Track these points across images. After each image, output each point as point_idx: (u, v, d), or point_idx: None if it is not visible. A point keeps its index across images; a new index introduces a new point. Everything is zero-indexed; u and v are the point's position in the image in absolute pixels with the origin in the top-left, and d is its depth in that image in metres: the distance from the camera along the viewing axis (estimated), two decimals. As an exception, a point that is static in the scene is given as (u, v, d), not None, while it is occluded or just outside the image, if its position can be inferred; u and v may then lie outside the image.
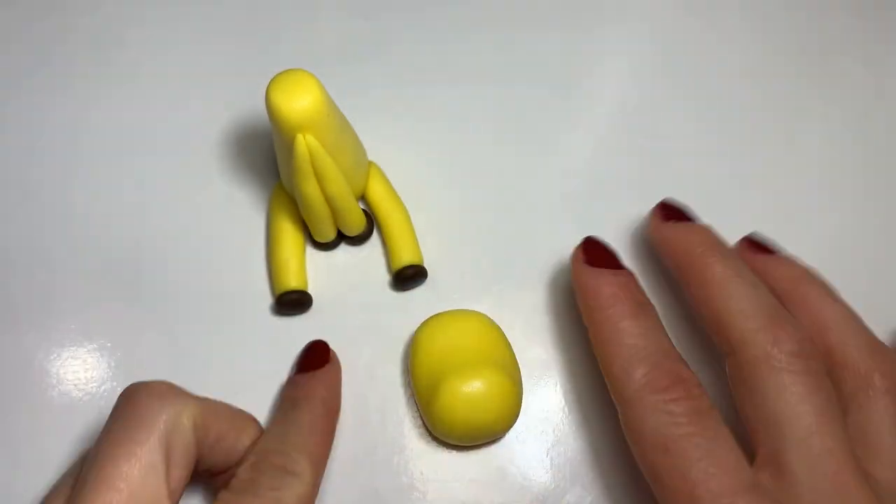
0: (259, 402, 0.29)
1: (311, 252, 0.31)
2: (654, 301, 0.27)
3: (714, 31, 0.37)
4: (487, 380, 0.27)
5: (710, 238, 0.28)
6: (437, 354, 0.28)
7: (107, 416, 0.23)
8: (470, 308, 0.29)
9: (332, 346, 0.29)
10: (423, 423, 0.29)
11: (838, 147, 0.35)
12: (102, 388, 0.29)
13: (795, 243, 0.30)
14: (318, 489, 0.24)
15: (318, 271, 0.31)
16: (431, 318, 0.29)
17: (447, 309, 0.29)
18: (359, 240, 0.31)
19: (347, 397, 0.29)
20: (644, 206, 0.31)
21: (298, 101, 0.26)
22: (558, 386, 0.30)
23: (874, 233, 0.33)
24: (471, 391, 0.26)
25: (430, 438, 0.29)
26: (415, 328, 0.29)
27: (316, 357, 0.28)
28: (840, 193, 0.34)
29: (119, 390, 0.24)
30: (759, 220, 0.31)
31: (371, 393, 0.29)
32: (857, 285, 0.28)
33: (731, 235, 0.29)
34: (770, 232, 0.30)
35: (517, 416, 0.28)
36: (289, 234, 0.30)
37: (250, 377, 0.29)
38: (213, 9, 0.36)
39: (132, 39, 0.35)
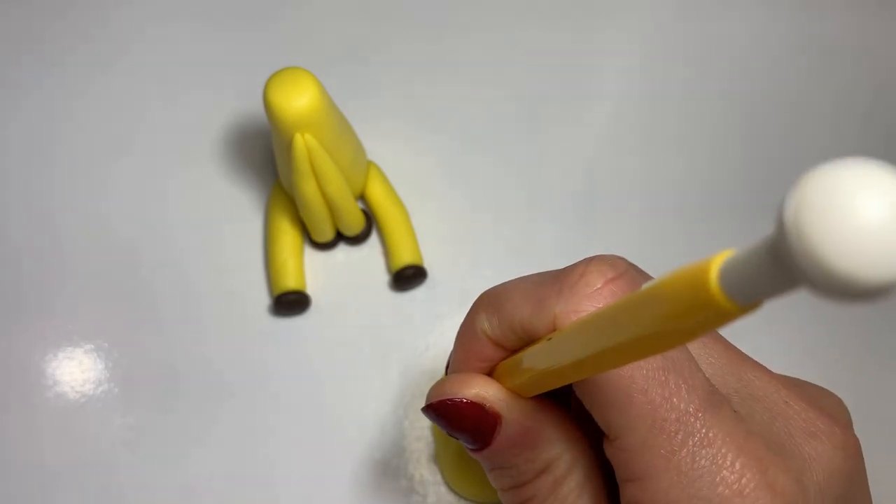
0: (258, 403, 0.29)
1: (309, 252, 0.31)
2: None
3: (716, 30, 0.37)
4: None
5: None
6: None
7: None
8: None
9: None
10: (442, 476, 0.28)
11: (840, 146, 0.35)
12: (99, 389, 0.29)
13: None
14: None
15: (317, 271, 0.31)
16: None
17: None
18: (358, 240, 0.31)
19: (346, 399, 0.29)
20: (646, 206, 0.31)
21: (297, 100, 0.26)
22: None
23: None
24: None
25: (430, 440, 0.29)
26: (414, 328, 0.29)
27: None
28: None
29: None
30: (760, 219, 0.31)
31: (371, 394, 0.29)
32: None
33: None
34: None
35: None
36: (287, 234, 0.30)
37: (249, 378, 0.29)
38: (212, 7, 0.36)
39: (130, 37, 0.35)
